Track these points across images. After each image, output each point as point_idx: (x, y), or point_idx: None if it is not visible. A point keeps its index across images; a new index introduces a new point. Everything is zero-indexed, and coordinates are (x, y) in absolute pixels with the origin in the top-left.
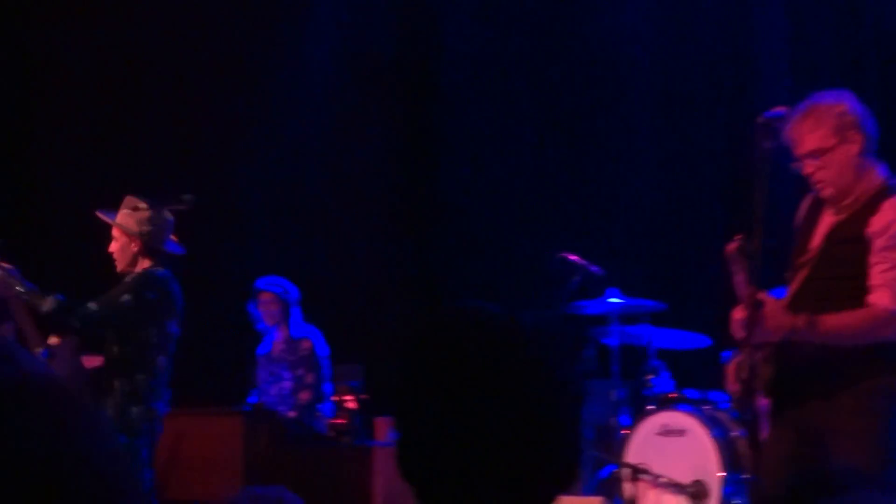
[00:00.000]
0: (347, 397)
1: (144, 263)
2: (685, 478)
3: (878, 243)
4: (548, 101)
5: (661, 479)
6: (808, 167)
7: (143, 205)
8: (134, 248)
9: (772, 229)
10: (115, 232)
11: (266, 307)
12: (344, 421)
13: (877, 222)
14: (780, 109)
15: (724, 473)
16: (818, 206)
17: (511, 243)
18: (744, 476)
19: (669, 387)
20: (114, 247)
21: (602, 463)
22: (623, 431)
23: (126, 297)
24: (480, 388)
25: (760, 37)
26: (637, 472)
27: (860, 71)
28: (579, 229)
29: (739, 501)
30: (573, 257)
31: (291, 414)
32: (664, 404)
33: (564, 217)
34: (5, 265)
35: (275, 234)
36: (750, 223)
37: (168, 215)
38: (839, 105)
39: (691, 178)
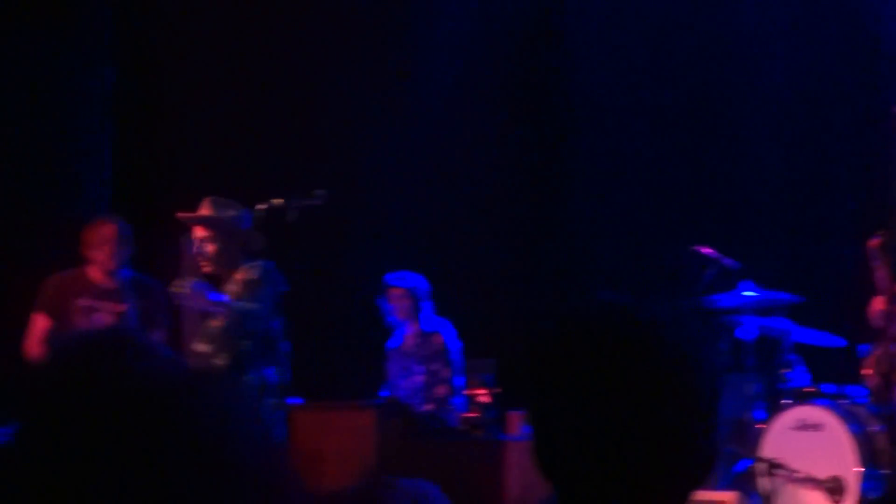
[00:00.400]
0: (480, 391)
1: (240, 261)
2: (822, 473)
3: None
4: (679, 92)
5: (798, 475)
6: None
7: (228, 202)
8: (236, 246)
9: None
10: (209, 232)
11: (396, 302)
12: (476, 415)
13: None
14: None
15: (862, 469)
16: None
17: (644, 236)
18: (882, 471)
19: (805, 381)
20: (211, 248)
21: (737, 458)
22: (758, 426)
23: (264, 292)
24: (616, 383)
25: (892, 24)
26: (773, 466)
27: None
28: (713, 222)
29: (877, 497)
30: (707, 250)
31: (427, 407)
32: (800, 399)
33: (697, 209)
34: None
35: (405, 228)
36: (888, 216)
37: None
38: None
39: (827, 170)
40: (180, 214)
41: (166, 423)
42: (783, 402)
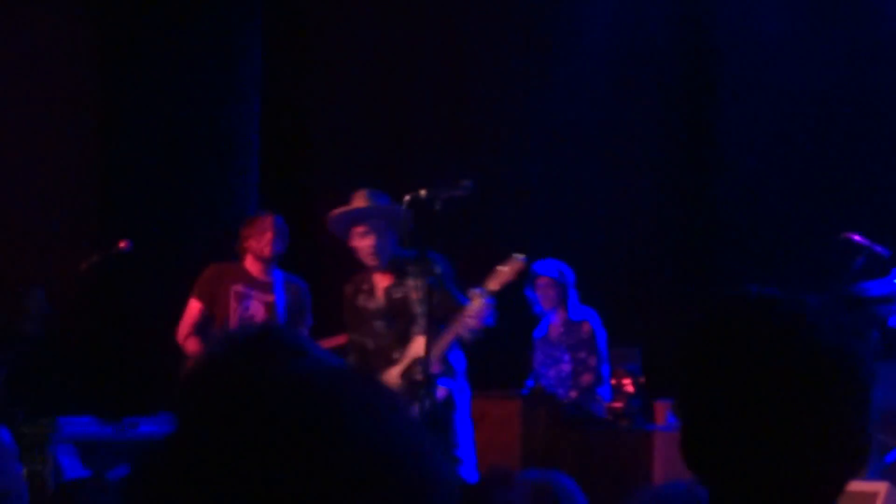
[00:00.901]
0: (626, 381)
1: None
2: None
3: None
4: (829, 75)
5: None
6: None
7: (381, 193)
8: (392, 237)
9: None
10: (366, 225)
11: (543, 291)
12: (622, 404)
13: None
14: None
15: None
16: None
17: (793, 223)
18: None
19: None
20: (370, 241)
21: (888, 448)
22: None
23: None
24: (767, 375)
25: None
26: None
27: None
28: (864, 209)
29: None
30: (857, 237)
31: (572, 394)
32: None
33: (848, 196)
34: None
35: (551, 217)
36: None
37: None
38: None
39: None
40: (335, 211)
41: (322, 423)
42: None
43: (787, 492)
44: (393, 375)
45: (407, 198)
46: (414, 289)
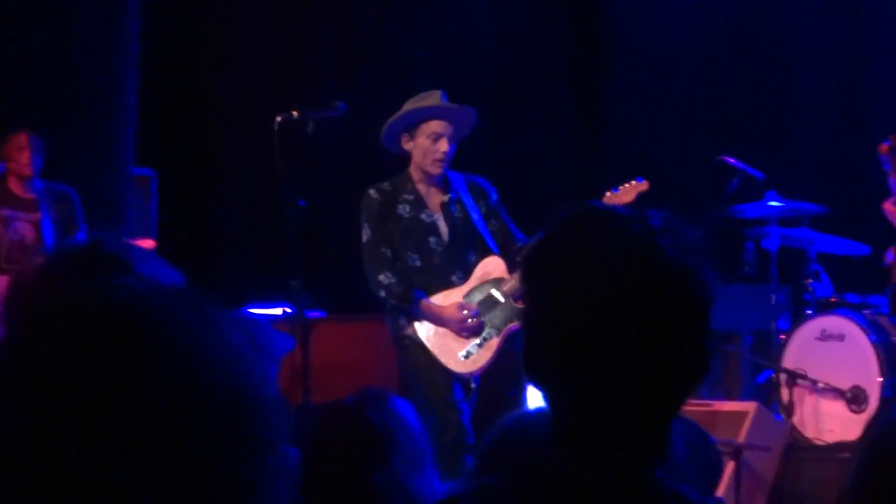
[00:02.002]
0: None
1: None
2: (843, 383)
3: None
4: (710, 8)
5: (819, 384)
6: None
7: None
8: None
9: None
10: (444, 128)
11: None
12: None
13: None
14: None
15: (883, 378)
16: None
17: (671, 146)
18: None
19: (829, 291)
20: (443, 146)
21: (760, 368)
22: (781, 336)
23: None
24: (606, 289)
25: None
26: (794, 377)
27: None
28: (739, 132)
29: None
30: (732, 160)
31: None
32: (823, 309)
33: (724, 120)
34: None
35: None
36: None
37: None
38: None
39: (854, 79)
40: (406, 108)
41: (141, 340)
42: (806, 312)
43: (628, 406)
44: (452, 297)
45: (278, 119)
46: (472, 210)
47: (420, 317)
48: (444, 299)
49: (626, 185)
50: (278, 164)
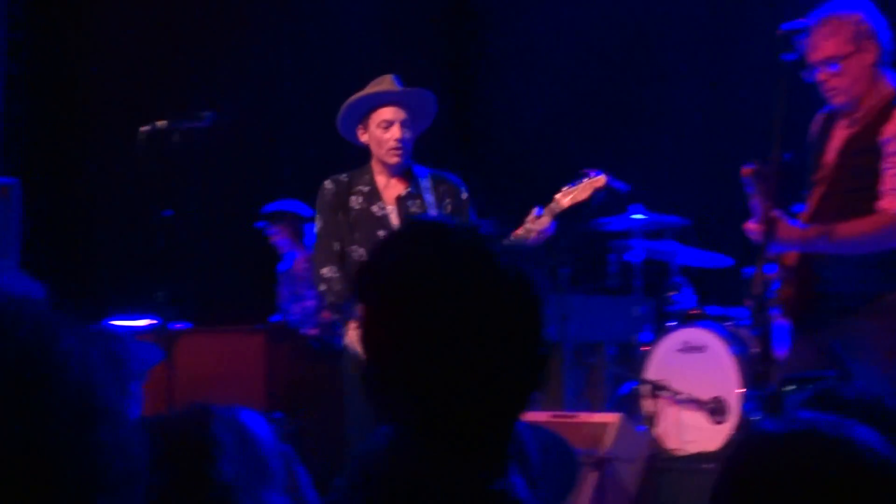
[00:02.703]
0: None
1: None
2: (705, 394)
3: (890, 148)
4: (584, 13)
5: (681, 396)
6: (822, 74)
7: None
8: (414, 135)
9: (790, 144)
10: (398, 115)
11: (280, 228)
12: None
13: (889, 130)
14: (799, 21)
15: (744, 390)
16: (831, 122)
17: (536, 157)
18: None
19: (691, 303)
20: (395, 133)
21: (623, 379)
22: (644, 348)
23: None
24: (445, 299)
25: None
26: (657, 388)
27: None
28: (603, 145)
29: (758, 417)
30: (596, 173)
31: (313, 332)
32: (685, 321)
33: (589, 132)
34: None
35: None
36: (770, 136)
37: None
38: (856, 14)
39: (718, 93)
40: (356, 96)
41: None
42: (668, 324)
43: (465, 414)
44: None
45: (144, 129)
46: (431, 207)
47: (354, 318)
48: None
49: (583, 181)
50: (144, 174)
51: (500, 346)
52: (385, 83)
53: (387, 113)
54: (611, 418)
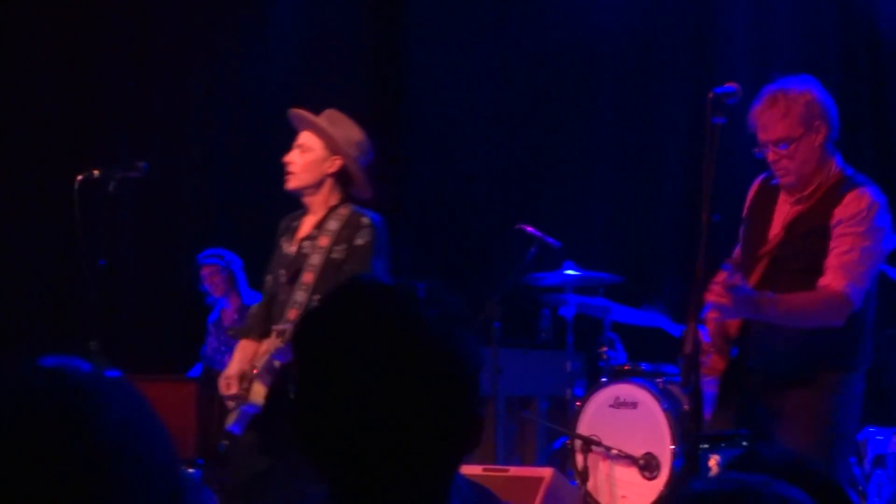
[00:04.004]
0: None
1: (332, 198)
2: (637, 450)
3: (839, 230)
4: (510, 76)
5: (613, 451)
6: (772, 155)
7: (352, 123)
8: (330, 168)
9: (719, 204)
10: (309, 141)
11: (210, 279)
12: None
13: (840, 213)
14: (730, 85)
15: (675, 446)
16: (771, 193)
17: (468, 215)
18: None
19: (623, 359)
20: (292, 157)
21: (555, 434)
22: (577, 403)
23: (377, 261)
24: (372, 362)
25: (721, 16)
26: (589, 443)
27: (819, 54)
28: (537, 201)
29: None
30: (530, 229)
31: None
32: (617, 376)
33: (522, 189)
34: None
35: (224, 205)
36: (698, 195)
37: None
38: (807, 94)
39: (651, 152)
40: (296, 110)
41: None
42: (601, 379)
43: (400, 477)
44: (259, 348)
45: (79, 177)
46: (318, 252)
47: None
48: (255, 347)
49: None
50: (78, 222)
51: (433, 406)
52: (323, 115)
53: (307, 139)
54: (543, 472)
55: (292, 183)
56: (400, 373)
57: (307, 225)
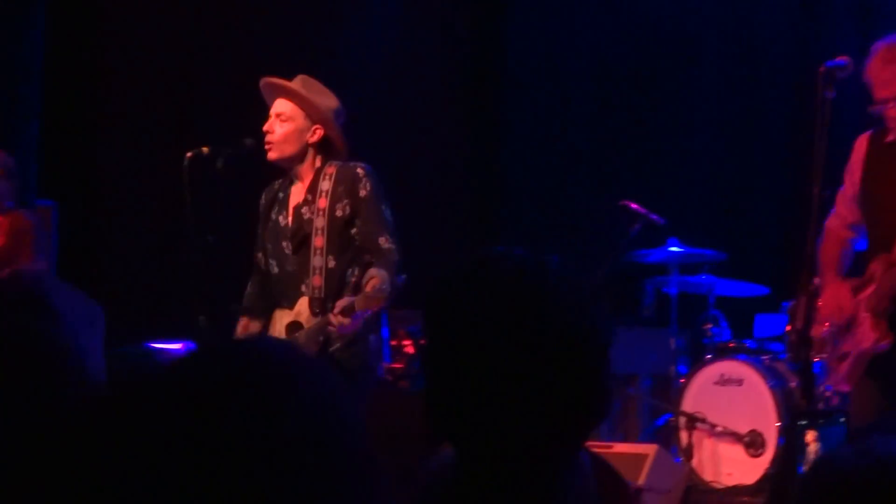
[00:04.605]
0: (406, 342)
1: (317, 162)
2: (742, 427)
3: None
4: (613, 50)
5: (718, 429)
6: (893, 111)
7: (325, 88)
8: (312, 137)
9: (830, 179)
10: (288, 109)
11: None
12: (402, 366)
13: None
14: (842, 59)
15: (780, 423)
16: (890, 151)
17: (574, 191)
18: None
19: (727, 336)
20: (271, 127)
21: (659, 411)
22: (680, 380)
23: (384, 207)
24: (506, 333)
25: None
26: (693, 420)
27: None
28: (641, 178)
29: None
30: (634, 206)
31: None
32: (722, 353)
33: (626, 165)
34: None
35: None
36: (810, 172)
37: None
38: None
39: (754, 127)
40: (269, 78)
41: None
42: (705, 356)
43: (530, 447)
44: (303, 308)
45: (189, 155)
46: (321, 215)
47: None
48: (297, 309)
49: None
50: (188, 199)
51: (565, 378)
52: (295, 80)
53: (276, 104)
54: (647, 449)
55: (273, 153)
56: (534, 343)
57: (297, 192)
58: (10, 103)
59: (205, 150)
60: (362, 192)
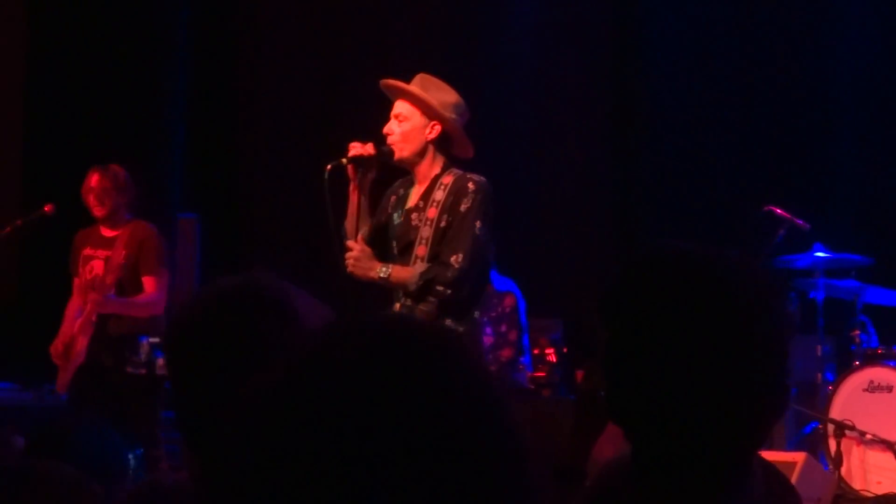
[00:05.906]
0: (548, 350)
1: (436, 165)
2: (892, 435)
3: None
4: (755, 53)
5: (868, 436)
6: None
7: (445, 85)
8: (430, 135)
9: None
10: (405, 110)
11: None
12: (544, 374)
13: None
14: None
15: None
16: None
17: (717, 196)
18: None
19: (875, 342)
20: (392, 129)
21: (806, 419)
22: (828, 387)
23: (479, 224)
24: (686, 328)
25: None
26: (842, 428)
27: None
28: (786, 182)
29: None
30: (780, 211)
31: (492, 368)
32: (871, 360)
33: (771, 170)
34: None
35: None
36: None
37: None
38: None
39: None
40: (386, 80)
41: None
42: (854, 363)
43: (710, 442)
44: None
45: (328, 167)
46: (426, 224)
47: None
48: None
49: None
50: (329, 210)
51: (748, 374)
52: (415, 80)
53: (403, 107)
54: (796, 457)
55: (395, 155)
56: (718, 338)
57: (414, 196)
58: (155, 121)
59: (343, 161)
60: (463, 207)
